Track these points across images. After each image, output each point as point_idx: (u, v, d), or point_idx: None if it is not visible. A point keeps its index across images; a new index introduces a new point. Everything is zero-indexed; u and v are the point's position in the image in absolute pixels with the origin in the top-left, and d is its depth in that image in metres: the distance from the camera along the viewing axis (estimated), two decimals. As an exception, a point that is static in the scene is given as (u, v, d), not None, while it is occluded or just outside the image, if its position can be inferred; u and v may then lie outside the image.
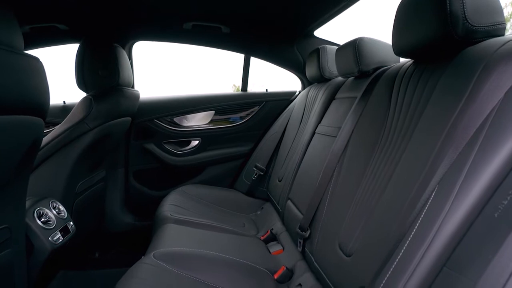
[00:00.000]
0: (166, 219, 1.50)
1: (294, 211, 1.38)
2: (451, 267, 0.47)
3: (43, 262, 1.13)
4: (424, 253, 0.50)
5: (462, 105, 0.66)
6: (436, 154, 0.68)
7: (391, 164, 0.86)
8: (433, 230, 0.51)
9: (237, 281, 1.08)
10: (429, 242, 0.51)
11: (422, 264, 0.50)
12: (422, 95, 0.84)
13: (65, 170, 1.39)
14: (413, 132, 0.82)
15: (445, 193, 0.55)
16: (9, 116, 0.75)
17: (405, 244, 0.56)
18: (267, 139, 2.14)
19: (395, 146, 0.88)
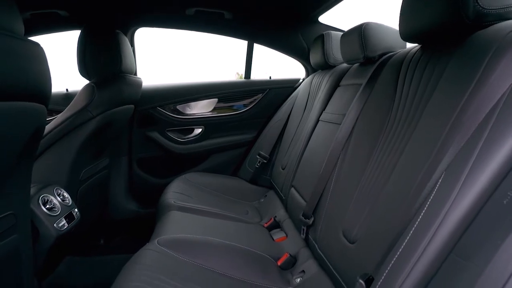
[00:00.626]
0: (170, 206, 1.50)
1: (298, 198, 1.38)
2: (457, 254, 0.47)
3: (49, 248, 1.15)
4: (430, 240, 0.50)
5: (471, 90, 0.65)
6: (444, 140, 0.67)
7: (397, 151, 0.85)
8: (439, 217, 0.50)
9: (241, 267, 1.09)
10: (435, 229, 0.50)
11: (428, 251, 0.50)
12: (429, 81, 0.83)
13: (69, 158, 1.40)
14: (419, 118, 0.81)
15: (452, 180, 0.54)
16: (11, 103, 0.74)
17: (411, 231, 0.56)
18: (271, 127, 2.13)
19: (401, 133, 0.86)
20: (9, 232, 0.90)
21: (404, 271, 0.51)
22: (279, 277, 1.11)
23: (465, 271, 0.44)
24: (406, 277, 0.50)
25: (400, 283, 0.51)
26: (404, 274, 0.51)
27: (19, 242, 0.94)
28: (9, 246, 0.90)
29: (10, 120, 0.75)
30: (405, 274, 0.51)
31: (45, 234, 1.13)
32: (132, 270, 0.90)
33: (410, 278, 0.50)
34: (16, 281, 0.94)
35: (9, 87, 0.72)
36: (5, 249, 0.88)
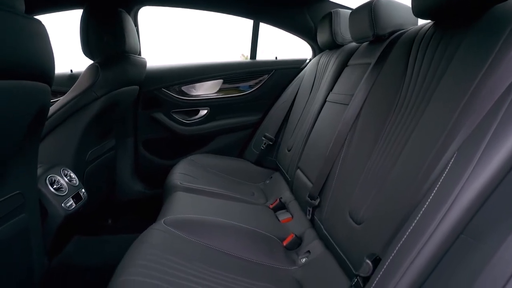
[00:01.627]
0: (176, 187, 1.51)
1: (304, 180, 1.37)
2: (468, 234, 0.46)
3: (57, 228, 1.16)
4: (441, 221, 0.49)
5: (487, 67, 0.62)
6: (456, 119, 0.65)
7: (406, 131, 0.83)
8: (450, 197, 0.49)
9: (247, 247, 1.10)
10: (446, 210, 0.49)
11: (438, 231, 0.49)
12: (442, 58, 0.80)
13: (75, 139, 1.40)
14: (430, 98, 0.78)
15: (465, 160, 0.53)
16: (14, 81, 0.73)
17: (420, 211, 0.55)
18: (277, 108, 2.10)
19: (411, 113, 0.84)
20: (17, 211, 0.91)
21: (413, 252, 0.51)
22: (285, 257, 1.12)
23: (476, 251, 0.43)
24: (415, 257, 0.50)
25: (408, 263, 0.50)
26: (413, 254, 0.50)
27: (28, 221, 0.95)
28: (18, 225, 0.91)
29: (14, 99, 0.75)
30: (414, 254, 0.50)
31: (53, 213, 1.14)
32: (138, 249, 0.91)
33: (419, 258, 0.49)
34: (26, 259, 0.96)
35: (11, 65, 0.70)
36: (14, 228, 0.89)
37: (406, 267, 0.50)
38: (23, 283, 0.96)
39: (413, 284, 0.49)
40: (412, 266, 0.50)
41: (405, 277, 0.50)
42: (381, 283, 0.53)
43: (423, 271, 0.48)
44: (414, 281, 0.48)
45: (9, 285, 0.90)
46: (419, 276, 0.48)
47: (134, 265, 0.82)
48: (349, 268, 0.87)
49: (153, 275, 0.80)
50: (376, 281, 0.54)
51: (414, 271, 0.49)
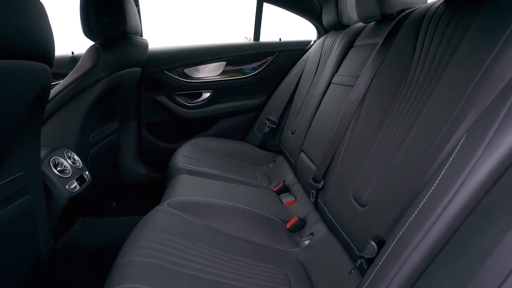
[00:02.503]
0: (180, 170, 1.51)
1: (307, 162, 1.36)
2: (477, 217, 0.45)
3: (62, 209, 1.17)
4: (448, 203, 0.48)
5: (498, 49, 0.60)
6: (466, 100, 0.63)
7: (413, 112, 0.81)
8: (459, 179, 0.48)
9: (250, 229, 1.10)
10: (454, 192, 0.48)
11: (445, 213, 0.48)
12: (452, 38, 0.77)
13: (77, 121, 1.39)
14: (439, 79, 0.76)
15: (475, 141, 0.51)
16: (14, 61, 0.72)
17: (427, 194, 0.54)
18: (280, 91, 2.08)
19: (419, 94, 0.82)
20: (22, 192, 0.91)
21: (419, 233, 0.50)
22: (288, 239, 1.12)
23: (485, 233, 0.42)
24: (421, 239, 0.49)
25: (414, 245, 0.50)
26: (420, 236, 0.50)
27: (33, 203, 0.95)
28: (23, 206, 0.91)
29: (15, 79, 0.73)
30: (421, 236, 0.50)
31: (57, 195, 1.15)
32: (142, 230, 0.91)
33: (425, 240, 0.48)
34: (32, 239, 0.97)
35: (11, 44, 0.69)
36: (19, 209, 0.89)
37: (412, 249, 0.50)
38: (31, 263, 0.97)
39: (419, 265, 0.48)
40: (418, 248, 0.49)
41: (410, 259, 0.49)
42: (386, 265, 0.53)
43: (429, 253, 0.48)
44: (420, 263, 0.48)
45: (18, 265, 0.92)
46: (425, 258, 0.48)
47: (138, 246, 0.83)
48: (353, 250, 0.87)
49: (157, 256, 0.80)
50: (381, 263, 0.54)
51: (420, 253, 0.48)
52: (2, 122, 0.75)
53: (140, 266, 0.76)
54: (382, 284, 0.51)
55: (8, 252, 0.87)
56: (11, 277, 0.90)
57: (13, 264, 0.90)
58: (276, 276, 0.89)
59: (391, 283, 0.49)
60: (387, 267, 0.52)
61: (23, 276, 0.94)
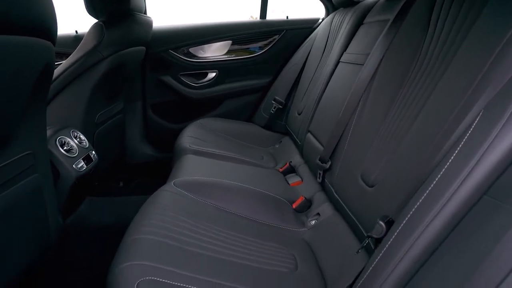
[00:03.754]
0: (185, 150, 1.50)
1: (314, 143, 1.35)
2: (492, 195, 0.43)
3: (69, 189, 1.18)
4: (462, 182, 0.46)
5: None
6: (483, 77, 0.60)
7: (426, 91, 0.79)
8: (474, 158, 0.46)
9: (256, 209, 1.10)
10: (468, 170, 0.46)
11: (458, 192, 0.46)
12: (468, 13, 0.73)
13: (83, 100, 1.38)
14: (454, 55, 0.73)
15: (492, 118, 0.49)
16: (17, 37, 0.71)
17: (439, 173, 0.52)
18: (287, 71, 2.04)
19: (431, 72, 0.79)
20: (29, 171, 0.92)
21: (430, 213, 0.49)
22: (294, 219, 1.12)
23: (501, 212, 0.41)
24: (432, 219, 0.48)
25: (425, 225, 0.48)
26: (431, 216, 0.48)
27: (40, 181, 0.96)
28: (31, 185, 0.92)
29: (17, 55, 0.72)
30: (432, 216, 0.48)
31: (65, 174, 1.15)
32: (149, 209, 0.91)
33: (436, 220, 0.47)
34: (42, 217, 0.98)
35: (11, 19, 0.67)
36: (27, 187, 0.90)
37: (422, 228, 0.49)
38: (42, 241, 0.99)
39: (429, 245, 0.47)
40: (428, 228, 0.48)
41: (420, 239, 0.48)
42: (395, 244, 0.52)
43: (441, 233, 0.47)
44: (431, 243, 0.47)
45: (28, 242, 0.93)
46: (436, 237, 0.47)
47: (144, 225, 0.83)
48: (360, 230, 0.86)
49: (163, 234, 0.81)
50: (390, 242, 0.53)
51: (430, 232, 0.47)
52: (6, 98, 0.75)
53: (146, 244, 0.77)
54: (391, 264, 0.50)
55: (19, 230, 0.88)
56: (23, 254, 0.91)
57: (24, 241, 0.91)
58: (282, 255, 0.90)
59: (400, 262, 0.49)
60: (396, 247, 0.51)
61: (34, 253, 0.96)
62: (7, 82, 0.72)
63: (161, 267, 0.71)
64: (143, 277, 0.67)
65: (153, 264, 0.71)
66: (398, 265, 0.49)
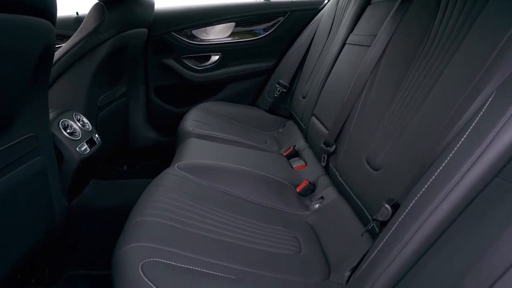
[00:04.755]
0: (189, 133, 1.50)
1: (319, 127, 1.33)
2: (504, 177, 0.42)
3: (73, 172, 1.18)
4: (472, 165, 0.45)
5: None
6: (496, 57, 0.58)
7: (434, 73, 0.77)
8: (486, 139, 0.45)
9: (260, 192, 1.10)
10: (479, 152, 0.45)
11: (468, 175, 0.45)
12: None
13: (85, 83, 1.37)
14: (466, 34, 0.71)
15: (506, 98, 0.47)
16: (17, 15, 0.69)
17: (449, 155, 0.51)
18: (292, 54, 2.00)
19: (441, 53, 0.77)
20: (33, 154, 0.91)
21: (438, 196, 0.48)
22: (298, 202, 1.12)
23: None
24: (440, 202, 0.47)
25: (432, 208, 0.48)
26: (439, 199, 0.47)
27: (44, 164, 0.96)
28: (35, 167, 0.92)
29: (17, 34, 0.71)
30: (440, 199, 0.47)
31: (68, 157, 1.15)
32: (153, 192, 0.91)
33: (444, 203, 0.46)
34: (47, 199, 0.99)
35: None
36: (31, 170, 0.90)
37: (430, 211, 0.48)
38: (47, 223, 1.00)
39: (437, 228, 0.46)
40: (437, 210, 0.47)
41: (428, 221, 0.47)
42: (402, 227, 0.51)
43: (449, 215, 0.46)
44: (439, 225, 0.46)
45: (34, 224, 0.94)
46: (444, 219, 0.46)
47: (148, 207, 0.83)
48: (364, 214, 0.86)
49: (167, 216, 0.81)
50: (396, 225, 0.53)
51: (439, 215, 0.46)
52: (8, 79, 0.74)
53: (150, 226, 0.77)
54: (396, 247, 0.49)
55: (24, 211, 0.89)
56: (29, 235, 0.92)
57: (29, 223, 0.92)
58: (285, 238, 0.90)
59: (407, 244, 0.48)
60: (403, 229, 0.51)
61: (40, 235, 0.97)
62: (6, 62, 0.71)
63: (165, 249, 0.71)
64: (147, 259, 0.67)
65: (157, 246, 0.71)
66: (404, 247, 0.48)
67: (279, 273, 0.75)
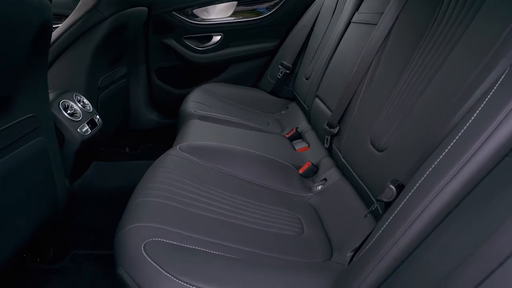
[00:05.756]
0: (190, 115, 1.48)
1: (322, 108, 1.31)
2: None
3: (75, 153, 1.17)
4: (483, 143, 0.44)
5: None
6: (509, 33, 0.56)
7: (443, 52, 0.74)
8: (498, 117, 0.43)
9: (262, 174, 1.09)
10: (490, 131, 0.43)
11: (478, 155, 0.44)
12: None
13: (84, 63, 1.35)
14: (478, 9, 0.68)
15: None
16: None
17: (457, 135, 0.49)
18: (295, 34, 1.96)
19: (451, 29, 0.74)
20: (33, 134, 0.91)
21: (445, 176, 0.47)
22: (300, 184, 1.12)
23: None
24: (448, 181, 0.46)
25: (440, 188, 0.46)
26: (446, 178, 0.46)
27: (45, 144, 0.95)
28: (36, 147, 0.91)
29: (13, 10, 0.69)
30: (447, 178, 0.46)
31: (69, 139, 1.15)
32: (155, 172, 0.91)
33: (453, 182, 0.45)
34: (49, 180, 0.98)
35: None
36: (32, 150, 0.89)
37: (436, 192, 0.47)
38: (50, 203, 1.00)
39: (443, 209, 0.45)
40: (444, 190, 0.46)
41: (434, 202, 0.46)
42: (406, 208, 0.50)
43: (457, 194, 0.45)
44: (445, 206, 0.45)
45: (37, 205, 0.94)
46: (452, 199, 0.45)
47: (150, 188, 0.83)
48: (368, 195, 0.85)
49: (169, 197, 0.81)
50: (401, 207, 0.52)
51: (446, 194, 0.45)
52: (5, 55, 0.72)
53: (152, 206, 0.77)
54: (401, 227, 0.49)
55: (27, 192, 0.89)
56: (33, 216, 0.93)
57: (32, 204, 0.92)
58: (288, 219, 0.90)
59: (411, 226, 0.47)
60: (407, 211, 0.50)
61: (43, 215, 0.97)
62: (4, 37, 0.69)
63: (168, 229, 0.71)
64: (149, 238, 0.67)
65: (159, 226, 0.71)
66: (409, 228, 0.47)
67: (281, 254, 0.75)
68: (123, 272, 0.64)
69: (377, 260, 0.49)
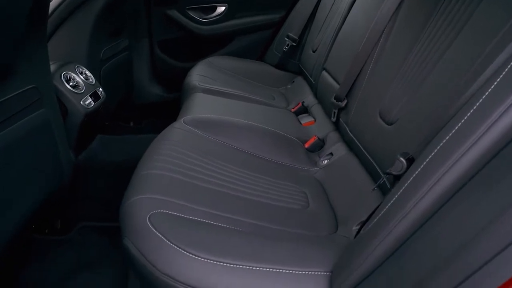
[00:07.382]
0: (195, 88, 1.46)
1: (330, 81, 1.28)
2: None
3: (79, 125, 1.16)
4: (499, 117, 0.41)
5: None
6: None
7: (457, 23, 0.70)
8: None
9: (268, 147, 1.08)
10: (507, 105, 0.41)
11: (490, 132, 0.42)
12: None
13: (85, 34, 1.31)
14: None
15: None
16: None
17: (471, 109, 0.47)
18: (302, 4, 1.88)
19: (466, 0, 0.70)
20: (35, 106, 0.90)
21: (458, 150, 0.44)
22: (306, 158, 1.10)
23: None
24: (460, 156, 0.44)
25: (452, 162, 0.44)
26: (459, 153, 0.44)
27: (48, 116, 0.94)
28: (39, 119, 0.90)
29: None
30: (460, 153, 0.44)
31: (73, 111, 1.13)
32: (159, 145, 0.90)
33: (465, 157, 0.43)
34: (53, 152, 0.98)
35: None
36: (35, 122, 0.89)
37: (448, 166, 0.45)
38: (55, 175, 1.00)
39: (456, 182, 0.44)
40: (456, 165, 0.44)
41: (446, 176, 0.45)
42: (417, 182, 0.49)
43: (472, 167, 0.43)
44: (459, 179, 0.44)
45: (43, 177, 0.94)
46: (465, 173, 0.43)
47: (155, 160, 0.82)
48: (375, 169, 0.84)
49: (173, 169, 0.80)
50: (411, 180, 0.50)
51: (460, 167, 0.44)
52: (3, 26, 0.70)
53: (157, 178, 0.76)
54: (411, 201, 0.47)
55: (31, 165, 0.89)
56: (38, 188, 0.93)
57: (38, 176, 0.92)
58: (293, 192, 0.89)
59: (422, 199, 0.46)
60: (417, 184, 0.48)
61: (49, 188, 0.98)
62: None
63: (172, 201, 0.71)
64: (154, 210, 0.67)
65: (164, 197, 0.71)
66: (420, 201, 0.46)
67: (286, 227, 0.75)
68: (129, 243, 0.64)
69: (386, 233, 0.48)
